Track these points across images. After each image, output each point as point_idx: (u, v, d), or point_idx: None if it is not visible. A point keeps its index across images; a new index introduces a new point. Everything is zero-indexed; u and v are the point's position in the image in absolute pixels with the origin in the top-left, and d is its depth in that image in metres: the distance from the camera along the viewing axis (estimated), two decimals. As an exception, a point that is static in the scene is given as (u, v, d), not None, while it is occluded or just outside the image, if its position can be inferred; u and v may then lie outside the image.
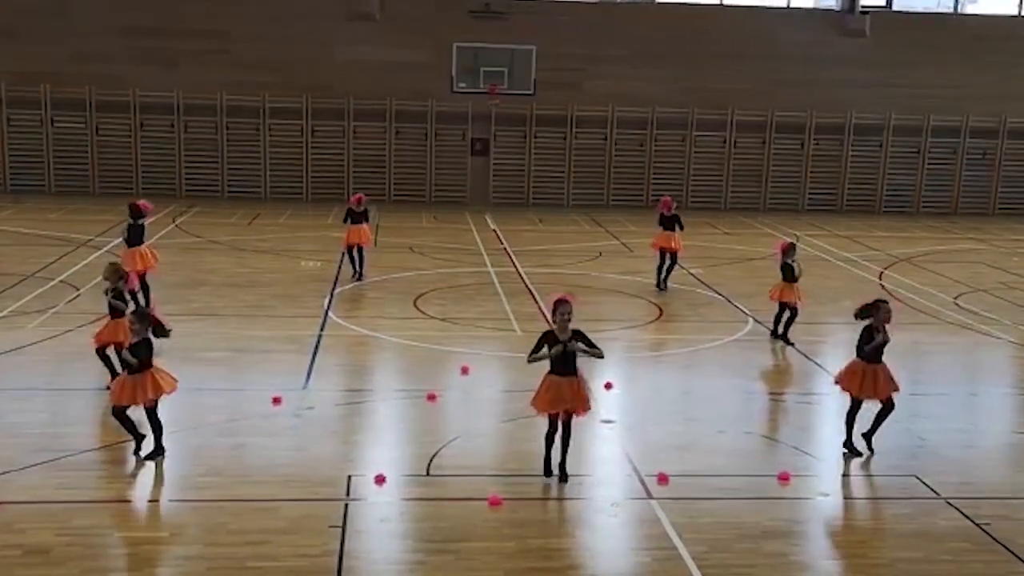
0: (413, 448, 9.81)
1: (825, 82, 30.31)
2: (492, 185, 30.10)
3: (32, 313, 14.53)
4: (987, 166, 31.33)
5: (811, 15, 31.36)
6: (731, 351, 13.99)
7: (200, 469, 9.11)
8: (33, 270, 17.48)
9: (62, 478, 8.75)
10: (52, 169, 28.62)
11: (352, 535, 7.89)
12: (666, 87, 29.93)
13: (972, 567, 7.79)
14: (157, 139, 28.76)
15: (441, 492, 8.84)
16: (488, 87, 27.48)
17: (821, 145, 30.74)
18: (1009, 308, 17.28)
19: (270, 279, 17.74)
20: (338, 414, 10.86)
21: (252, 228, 23.79)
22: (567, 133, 29.98)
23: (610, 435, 10.33)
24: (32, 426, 10.01)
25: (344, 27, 29.17)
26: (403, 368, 12.87)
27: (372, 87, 28.90)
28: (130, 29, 28.52)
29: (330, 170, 29.41)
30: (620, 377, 12.33)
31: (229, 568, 7.32)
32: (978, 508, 8.77)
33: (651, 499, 8.75)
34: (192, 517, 8.17)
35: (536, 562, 7.62)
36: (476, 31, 28.45)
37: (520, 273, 19.02)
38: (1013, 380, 13.69)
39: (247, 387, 11.60)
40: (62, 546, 7.53)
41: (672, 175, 30.24)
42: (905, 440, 10.32)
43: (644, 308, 16.43)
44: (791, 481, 9.22)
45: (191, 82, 28.46)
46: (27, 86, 28.03)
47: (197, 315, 14.79)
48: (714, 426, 10.76)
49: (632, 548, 7.94)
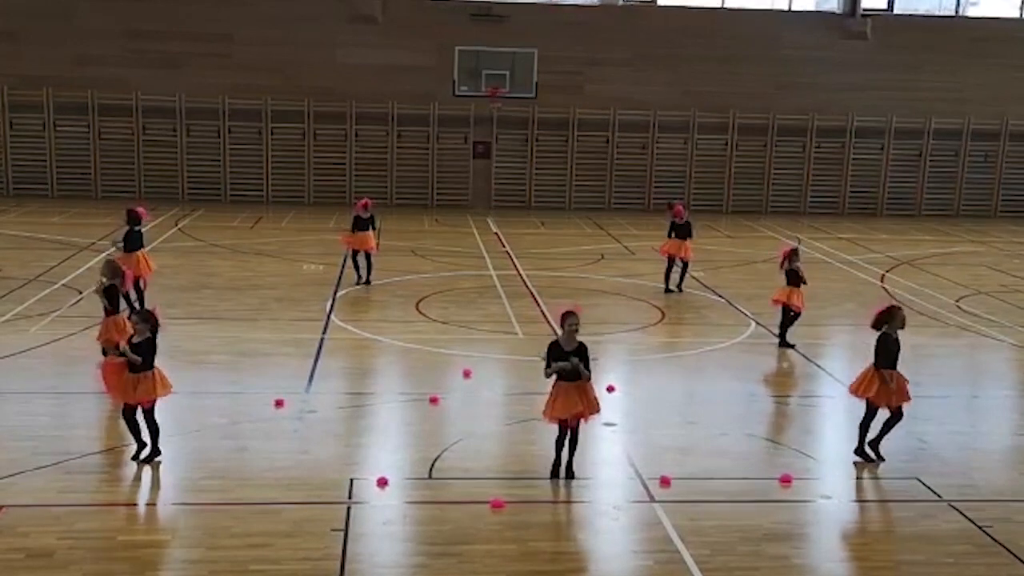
0: (415, 451, 9.82)
1: (826, 85, 30.34)
2: (494, 188, 30.13)
3: (35, 317, 14.55)
4: (988, 169, 31.35)
5: (812, 18, 31.34)
6: (733, 354, 13.99)
7: (202, 472, 9.12)
8: (36, 273, 17.51)
9: (65, 481, 8.76)
10: (55, 173, 28.70)
11: (354, 538, 7.89)
12: (668, 90, 29.96)
13: (974, 570, 7.78)
14: (159, 143, 28.84)
15: (443, 495, 8.84)
16: (489, 90, 27.51)
17: (823, 148, 30.77)
18: (1010, 310, 17.28)
19: (272, 282, 17.75)
20: (340, 417, 10.87)
21: (254, 231, 23.83)
22: (569, 136, 30.02)
23: (612, 438, 10.33)
24: (35, 429, 10.02)
25: (346, 30, 29.22)
26: (405, 371, 12.88)
27: (374, 90, 28.95)
28: (132, 33, 28.57)
29: (332, 173, 29.46)
30: (622, 380, 12.33)
31: (231, 571, 7.33)
32: (980, 510, 8.76)
33: (653, 502, 8.75)
34: (194, 520, 8.18)
35: (538, 565, 7.62)
36: (478, 34, 28.47)
37: (522, 276, 19.03)
38: (1014, 382, 13.68)
39: (249, 390, 11.60)
40: (65, 549, 7.53)
41: (674, 178, 30.28)
42: (907, 442, 10.30)
43: (646, 311, 16.43)
44: (793, 484, 9.22)
45: (193, 86, 28.53)
46: (30, 90, 28.12)
47: (199, 318, 14.81)
48: (716, 429, 10.76)
49: (634, 551, 7.94)
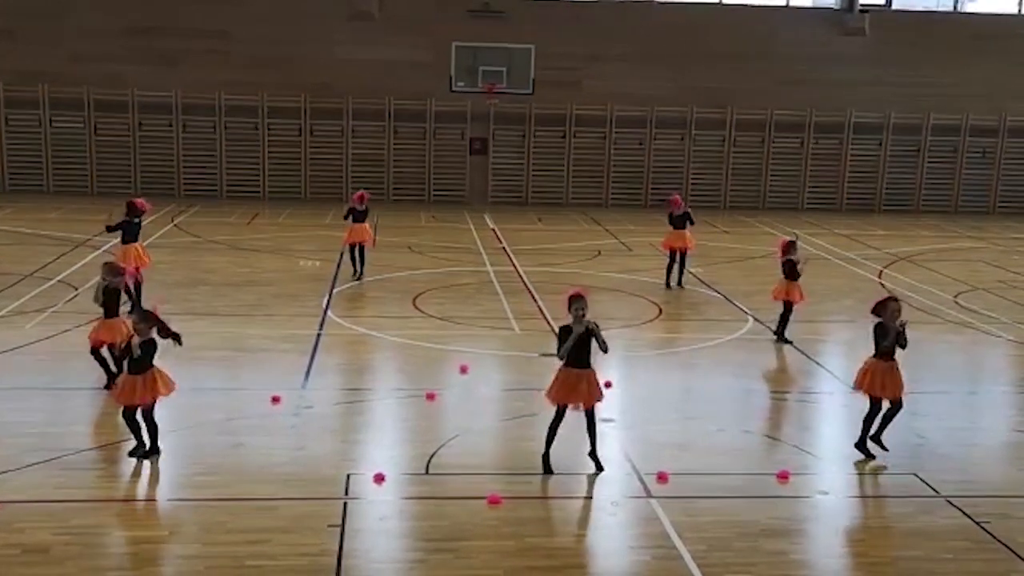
0: (412, 447, 9.81)
1: (824, 81, 30.32)
2: (491, 184, 30.10)
3: (31, 312, 14.53)
4: (986, 164, 31.35)
5: (811, 14, 31.36)
6: (730, 350, 13.99)
7: (199, 468, 9.10)
8: (32, 269, 17.48)
9: (61, 477, 8.74)
10: (51, 169, 28.64)
11: (351, 534, 7.88)
12: (665, 86, 29.93)
13: (972, 565, 7.78)
14: (156, 139, 28.80)
15: (440, 491, 8.82)
16: (487, 86, 27.49)
17: (821, 144, 30.76)
18: (1009, 306, 17.29)
19: (269, 278, 17.73)
20: (337, 413, 10.85)
21: (251, 227, 23.79)
22: (566, 132, 29.99)
23: (610, 434, 10.30)
24: (31, 425, 10.00)
25: (343, 26, 29.18)
26: (402, 367, 12.86)
27: (371, 86, 28.90)
28: (128, 29, 28.52)
29: (329, 169, 29.43)
30: (620, 376, 12.32)
31: (228, 567, 7.31)
32: (978, 506, 8.76)
33: (651, 498, 8.74)
34: (191, 516, 8.16)
35: (535, 561, 7.60)
36: (475, 30, 28.44)
37: (519, 272, 19.01)
38: (1013, 378, 13.68)
39: (246, 386, 11.59)
40: (61, 545, 7.52)
41: (671, 174, 30.25)
42: (905, 438, 10.30)
43: (643, 307, 16.42)
44: (791, 480, 9.22)
45: (190, 81, 28.47)
46: (26, 86, 28.05)
47: (196, 314, 14.78)
48: (713, 425, 10.76)
49: (632, 547, 7.93)
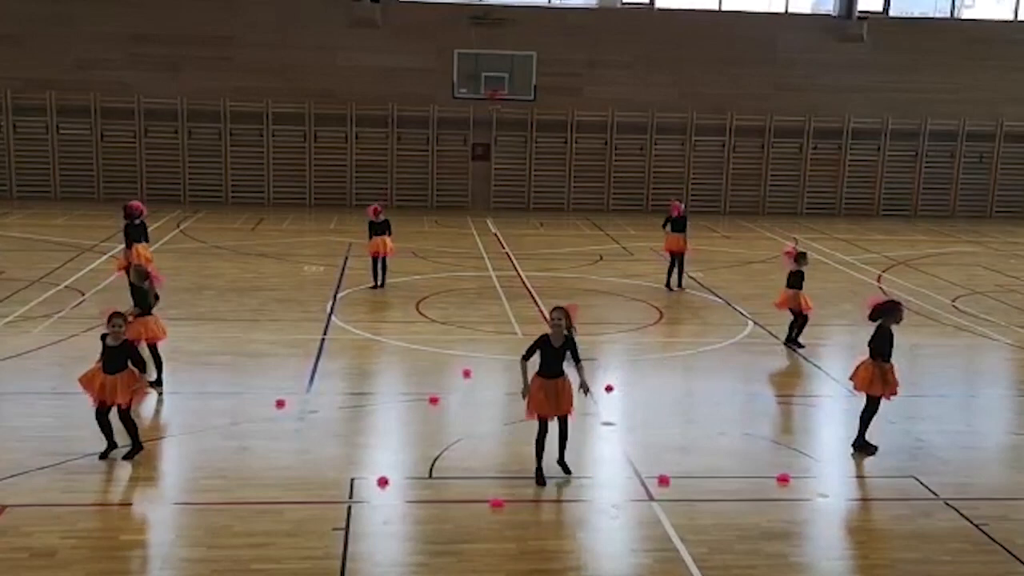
0: (415, 451, 9.88)
1: (823, 87, 30.45)
2: (493, 189, 30.21)
3: (38, 318, 14.62)
4: (984, 169, 31.44)
5: (809, 20, 31.42)
6: (731, 354, 14.06)
7: (204, 472, 9.17)
8: (39, 275, 17.57)
9: (68, 481, 8.81)
10: (58, 175, 28.79)
11: (355, 537, 7.94)
12: (665, 92, 30.05)
13: (970, 567, 7.83)
14: (161, 145, 28.95)
15: (443, 494, 8.89)
16: (489, 93, 27.60)
17: (819, 149, 30.87)
18: (1006, 310, 17.36)
19: (273, 283, 17.82)
20: (341, 417, 10.92)
21: (255, 233, 23.89)
22: (567, 138, 30.11)
23: (611, 437, 10.39)
24: (38, 429, 10.08)
25: (346, 33, 29.30)
26: (405, 371, 12.94)
27: (374, 93, 29.04)
28: (134, 37, 28.65)
29: (333, 175, 29.55)
30: (621, 379, 12.41)
31: (233, 571, 7.38)
32: (976, 509, 8.81)
33: (652, 501, 8.81)
34: (196, 520, 8.23)
35: (538, 564, 7.67)
36: (477, 37, 28.55)
37: (521, 277, 19.10)
38: (1010, 382, 13.72)
39: (251, 391, 11.66)
40: (68, 549, 7.59)
41: (672, 179, 30.36)
42: (904, 441, 10.38)
43: (644, 311, 16.50)
44: (791, 482, 9.28)
45: (195, 88, 28.62)
46: (33, 93, 28.22)
47: (201, 319, 14.87)
48: (714, 428, 10.82)
49: (633, 549, 7.98)
